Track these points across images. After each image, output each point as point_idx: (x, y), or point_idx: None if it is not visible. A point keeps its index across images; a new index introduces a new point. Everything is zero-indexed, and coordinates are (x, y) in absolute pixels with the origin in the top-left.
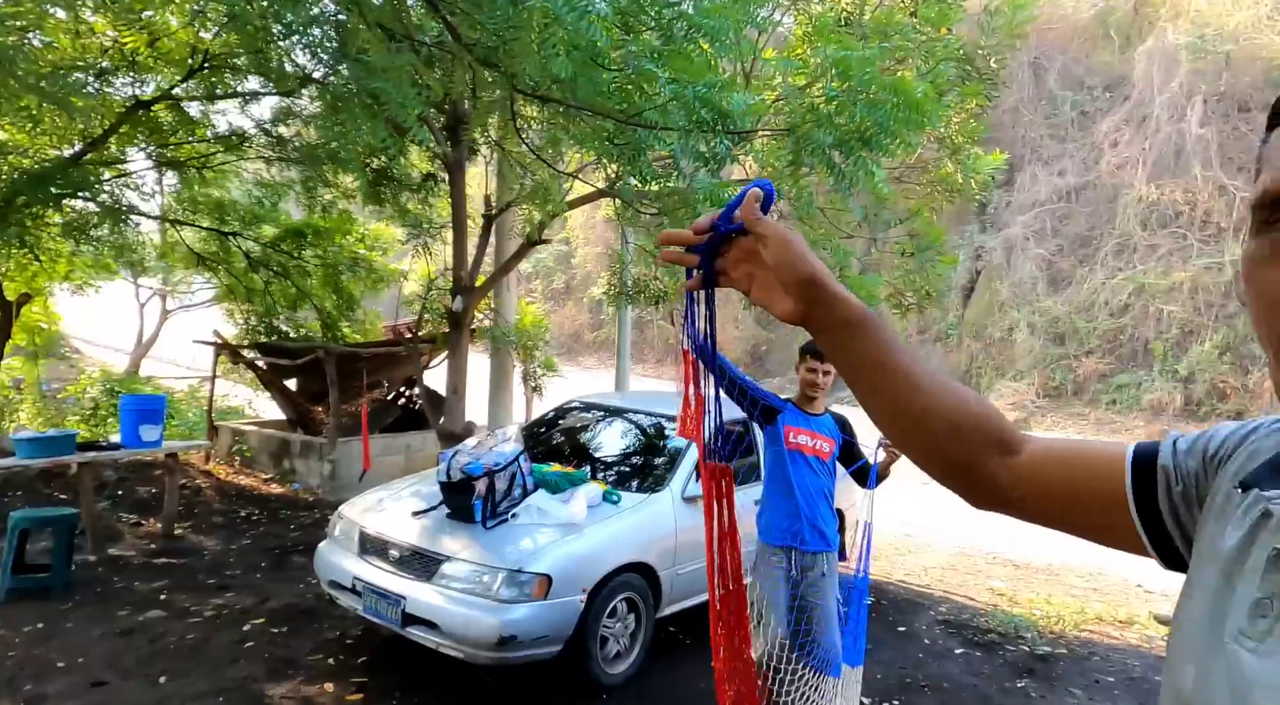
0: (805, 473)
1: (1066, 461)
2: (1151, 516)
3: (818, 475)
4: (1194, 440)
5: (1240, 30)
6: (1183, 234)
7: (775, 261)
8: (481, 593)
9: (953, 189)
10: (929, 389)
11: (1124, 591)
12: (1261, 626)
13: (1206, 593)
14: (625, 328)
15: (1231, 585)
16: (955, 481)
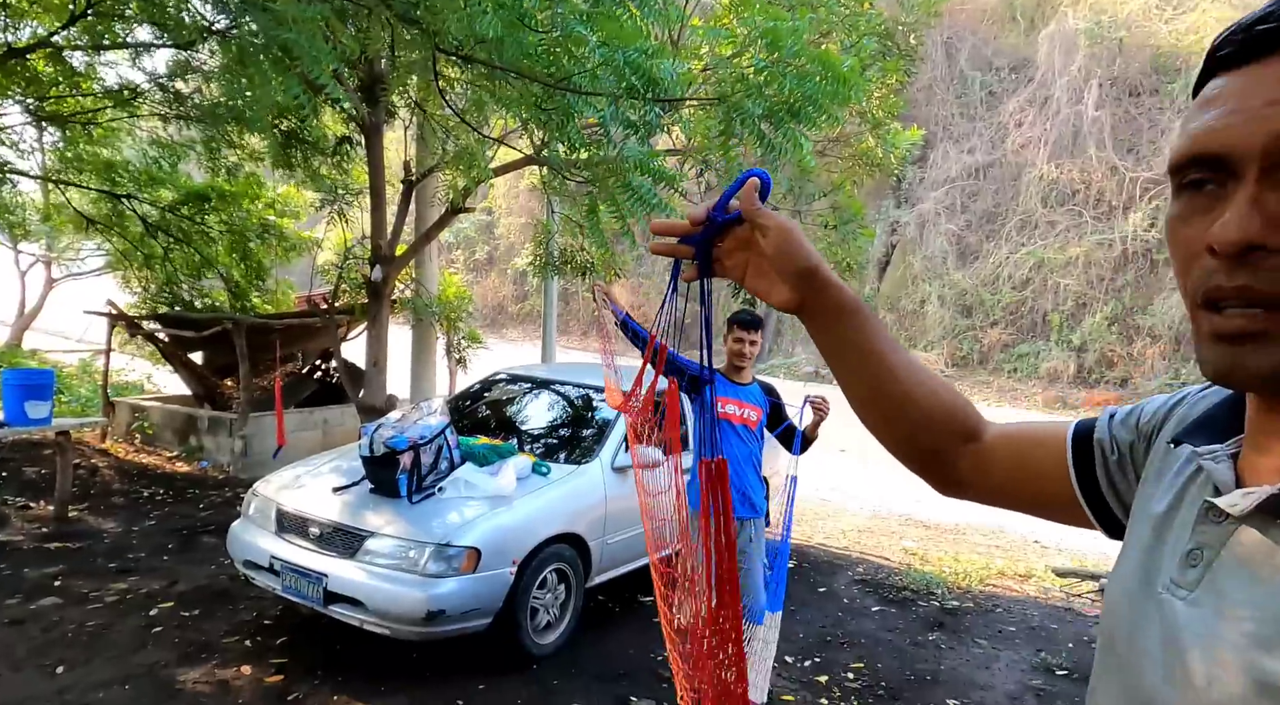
0: (733, 441)
1: (1017, 444)
2: (1091, 488)
3: (745, 443)
4: (1128, 413)
5: (1132, 18)
6: (1079, 211)
7: (775, 252)
8: (408, 568)
9: (873, 163)
10: (909, 378)
11: (1023, 547)
12: (1191, 576)
13: (1140, 548)
14: (551, 299)
15: (1163, 540)
16: (923, 468)
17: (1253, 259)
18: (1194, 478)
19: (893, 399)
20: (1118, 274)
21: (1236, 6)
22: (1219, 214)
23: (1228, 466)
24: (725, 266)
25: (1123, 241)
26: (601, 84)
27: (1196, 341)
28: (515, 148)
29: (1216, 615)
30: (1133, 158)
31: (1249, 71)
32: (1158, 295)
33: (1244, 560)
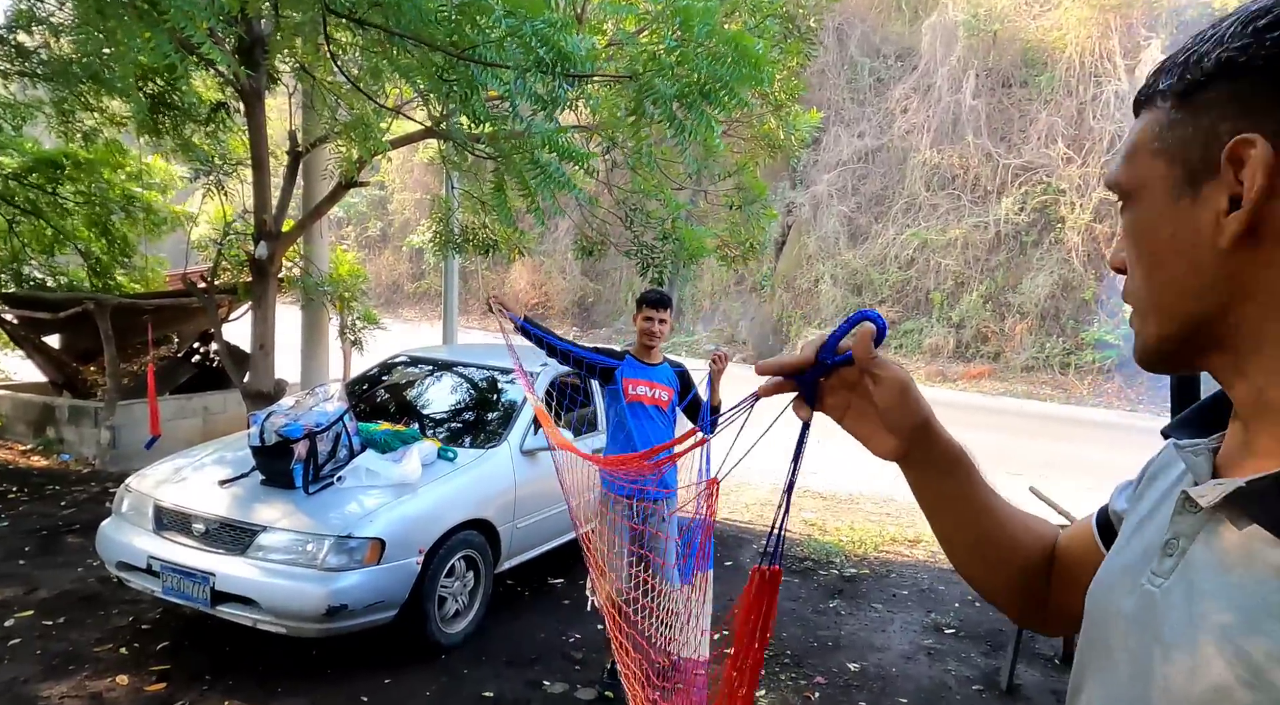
0: (646, 423)
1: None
2: None
3: (657, 424)
4: (1131, 481)
5: (1005, 12)
6: (958, 195)
7: (887, 405)
8: (305, 562)
9: (774, 145)
10: (1011, 528)
11: (911, 513)
12: (1167, 565)
13: (1127, 549)
14: (452, 278)
15: (1147, 533)
16: (1012, 608)
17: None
18: (1177, 471)
19: (999, 547)
20: (992, 255)
21: (1095, 5)
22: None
23: (1206, 459)
24: (826, 404)
25: (996, 224)
26: (508, 56)
27: None
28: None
29: (1187, 603)
30: (1005, 146)
31: (1139, 118)
32: (1026, 275)
33: (1211, 550)
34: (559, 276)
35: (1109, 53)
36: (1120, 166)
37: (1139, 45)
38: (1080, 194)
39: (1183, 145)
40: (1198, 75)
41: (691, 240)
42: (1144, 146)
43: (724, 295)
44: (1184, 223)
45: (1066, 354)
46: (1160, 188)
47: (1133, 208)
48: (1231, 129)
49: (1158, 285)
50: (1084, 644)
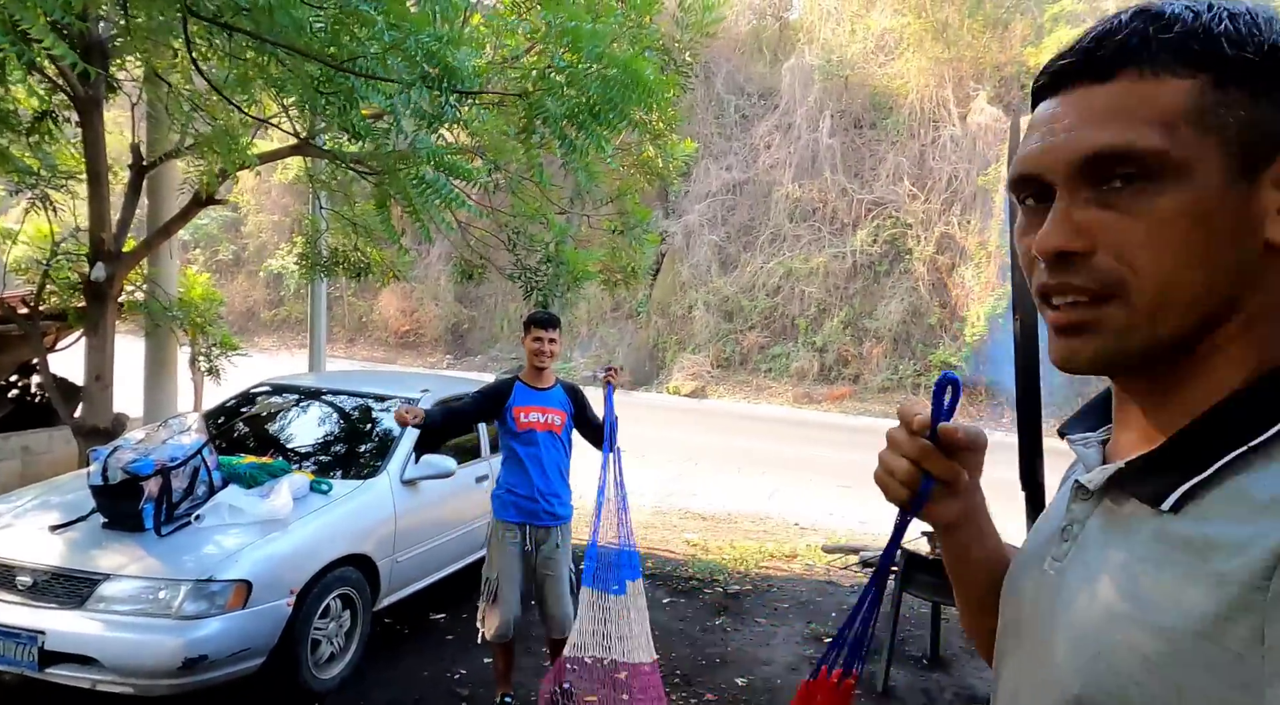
0: (538, 450)
1: None
2: None
3: (550, 450)
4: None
5: (855, 59)
6: (818, 227)
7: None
8: (158, 612)
9: (653, 172)
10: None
11: (787, 530)
12: (1064, 549)
13: (1034, 540)
14: (321, 303)
15: (1049, 524)
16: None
17: (1065, 262)
18: (1074, 466)
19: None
20: (850, 283)
21: (932, 58)
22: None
23: (1096, 450)
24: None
25: (852, 255)
26: (390, 70)
27: (1049, 337)
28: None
29: (1078, 579)
30: (858, 182)
31: (1056, 101)
32: (880, 302)
33: (1099, 528)
34: (431, 303)
35: (944, 101)
36: (1152, 133)
37: (968, 96)
38: (924, 228)
39: (1240, 127)
40: (1252, 54)
41: (576, 263)
42: (1183, 117)
43: (601, 322)
44: (1239, 213)
45: (917, 375)
46: (1214, 170)
47: (1174, 185)
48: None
49: (1191, 277)
50: (999, 632)
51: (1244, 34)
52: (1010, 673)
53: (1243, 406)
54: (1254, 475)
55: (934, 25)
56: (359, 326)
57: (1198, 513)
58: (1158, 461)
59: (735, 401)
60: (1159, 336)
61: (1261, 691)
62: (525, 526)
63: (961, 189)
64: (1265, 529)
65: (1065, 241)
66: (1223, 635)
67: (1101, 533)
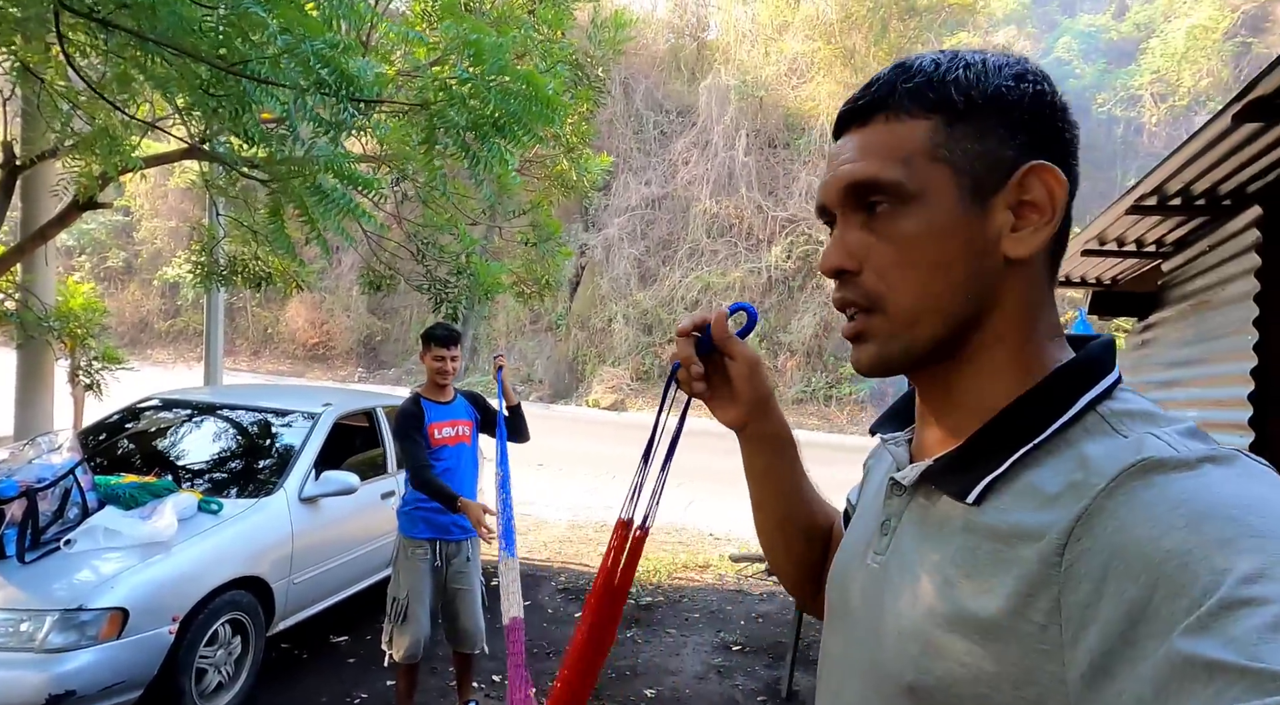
0: (452, 464)
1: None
2: None
3: (461, 462)
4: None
5: (769, 80)
6: (734, 242)
7: (738, 378)
8: (19, 645)
9: (567, 185)
10: (816, 508)
11: (701, 541)
12: (883, 543)
13: (853, 533)
14: (218, 314)
15: (867, 518)
16: (796, 589)
17: (843, 279)
18: (886, 462)
19: (799, 524)
20: (765, 297)
21: (841, 82)
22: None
23: (905, 449)
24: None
25: (768, 270)
26: (284, 74)
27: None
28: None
29: (899, 571)
30: (773, 199)
31: (843, 139)
32: (794, 317)
33: (914, 522)
34: (343, 314)
35: None
36: (891, 166)
37: None
38: None
39: (969, 159)
40: (977, 98)
41: (486, 276)
42: (918, 151)
43: (519, 334)
44: (975, 231)
45: (829, 387)
46: (948, 195)
47: (912, 211)
48: (1012, 155)
49: (941, 288)
50: (826, 622)
51: (972, 80)
52: (837, 661)
53: (1026, 408)
54: (1040, 470)
55: (842, 51)
56: (264, 338)
57: (999, 505)
58: (960, 459)
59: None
60: (917, 342)
61: (1063, 657)
62: (435, 542)
63: None
64: (1057, 515)
65: (838, 262)
66: (1028, 610)
67: (917, 526)
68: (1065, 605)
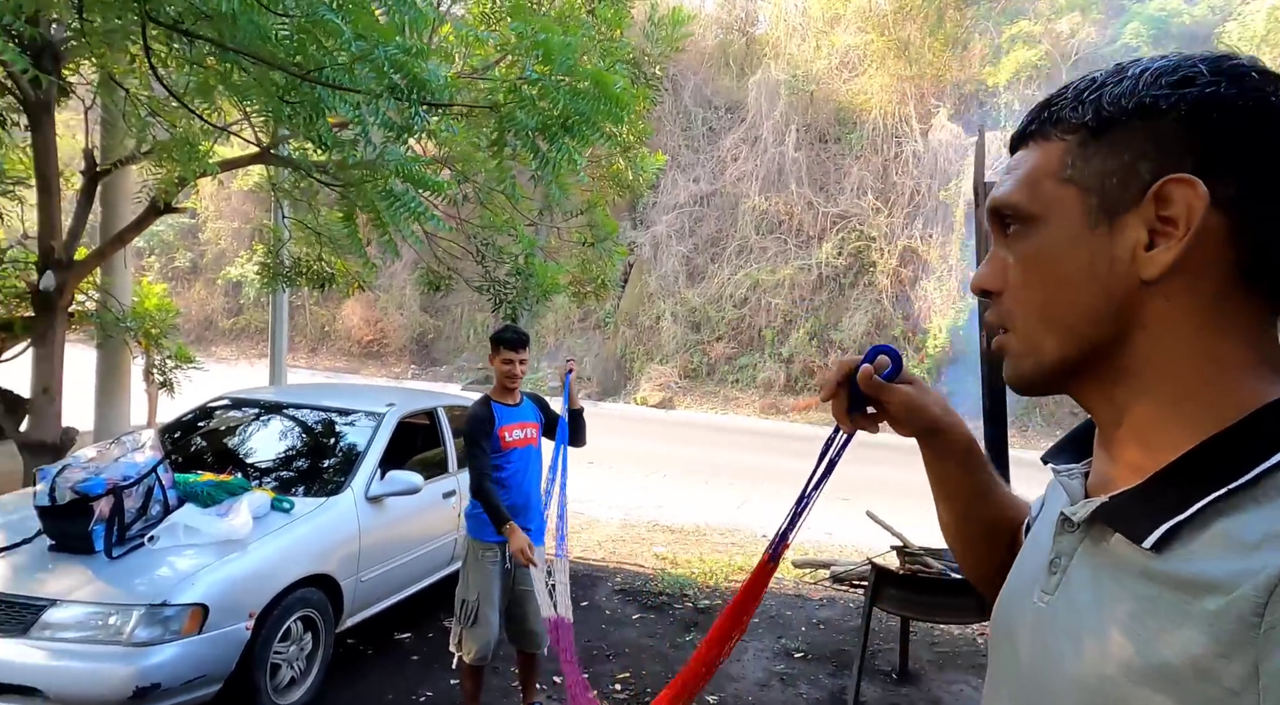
0: (518, 466)
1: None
2: None
3: (529, 465)
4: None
5: (820, 74)
6: (784, 239)
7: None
8: (107, 639)
9: (622, 184)
10: (1000, 507)
11: (755, 542)
12: (1053, 582)
13: (1022, 568)
14: (282, 313)
15: (1037, 553)
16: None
17: (990, 298)
18: (1049, 492)
19: (979, 522)
20: (815, 295)
21: (895, 74)
22: None
23: (1079, 482)
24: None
25: (818, 267)
26: (359, 80)
27: None
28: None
29: (1070, 616)
30: (823, 195)
31: (1017, 155)
32: (845, 314)
33: (1086, 563)
34: (396, 312)
35: (906, 117)
36: (1018, 190)
37: (930, 112)
38: (887, 241)
39: (1100, 177)
40: (1117, 113)
41: (545, 276)
42: (1048, 174)
43: (568, 332)
44: (1100, 251)
45: None
46: (1073, 215)
47: (1035, 232)
48: (1153, 168)
49: (1063, 309)
50: (991, 656)
51: (1117, 95)
52: (1000, 697)
53: (1223, 448)
54: (1239, 517)
55: (896, 43)
56: (321, 336)
57: (1185, 552)
58: (1139, 499)
59: (703, 412)
60: (1045, 361)
61: None
62: (504, 545)
63: (924, 203)
64: (1255, 566)
65: (981, 282)
66: (1219, 674)
67: (1089, 568)
68: (1265, 673)
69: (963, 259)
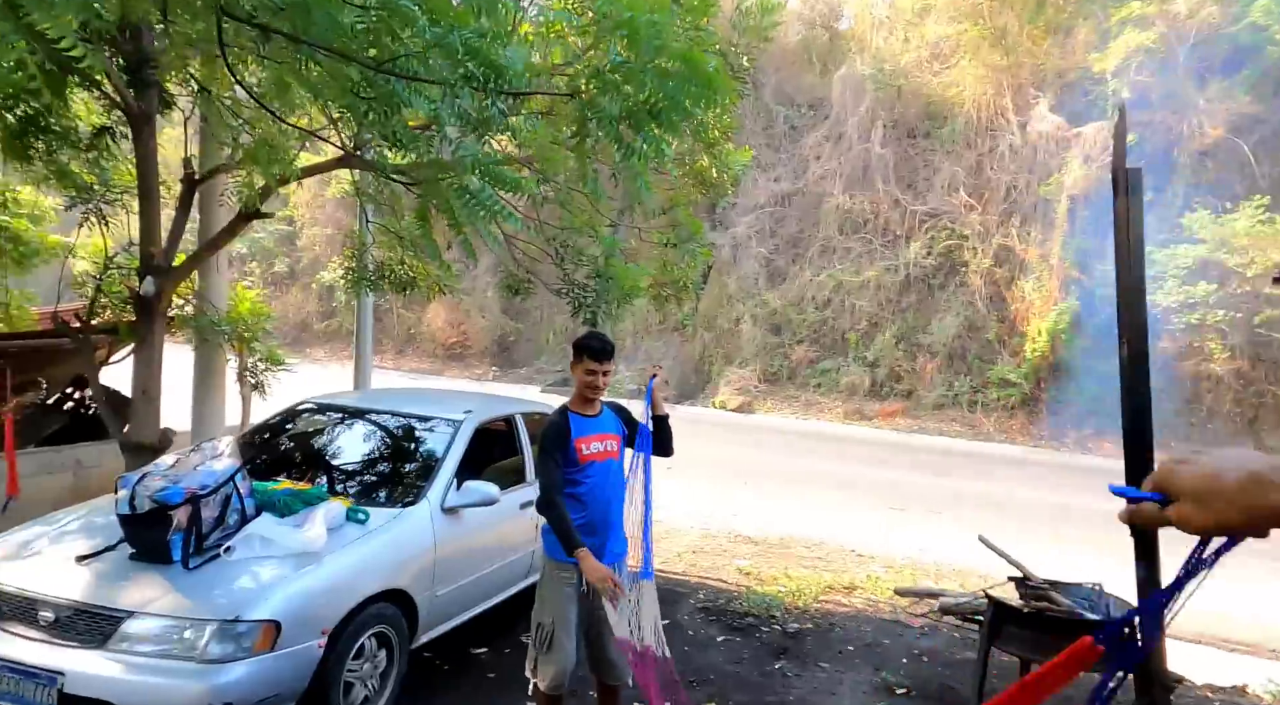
0: (600, 481)
1: None
2: None
3: (610, 480)
4: None
5: (908, 68)
6: (869, 239)
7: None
8: (182, 654)
9: (706, 183)
10: None
11: (843, 558)
12: None
13: None
14: (367, 318)
15: None
16: None
17: None
18: None
19: None
20: (902, 296)
21: (990, 65)
22: None
23: None
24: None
25: (905, 268)
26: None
27: None
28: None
29: None
30: (911, 193)
31: None
32: (934, 316)
33: None
34: (478, 315)
35: (1002, 109)
36: None
37: (1029, 103)
38: (981, 240)
39: None
40: None
41: (625, 279)
42: None
43: (646, 334)
44: None
45: (974, 392)
46: None
47: None
48: None
49: None
50: None
51: None
52: None
53: None
54: None
55: (992, 32)
56: (407, 338)
57: None
58: None
59: (783, 417)
60: None
61: None
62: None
63: (1021, 200)
64: None
65: None
66: None
67: None
68: None
69: (1065, 258)
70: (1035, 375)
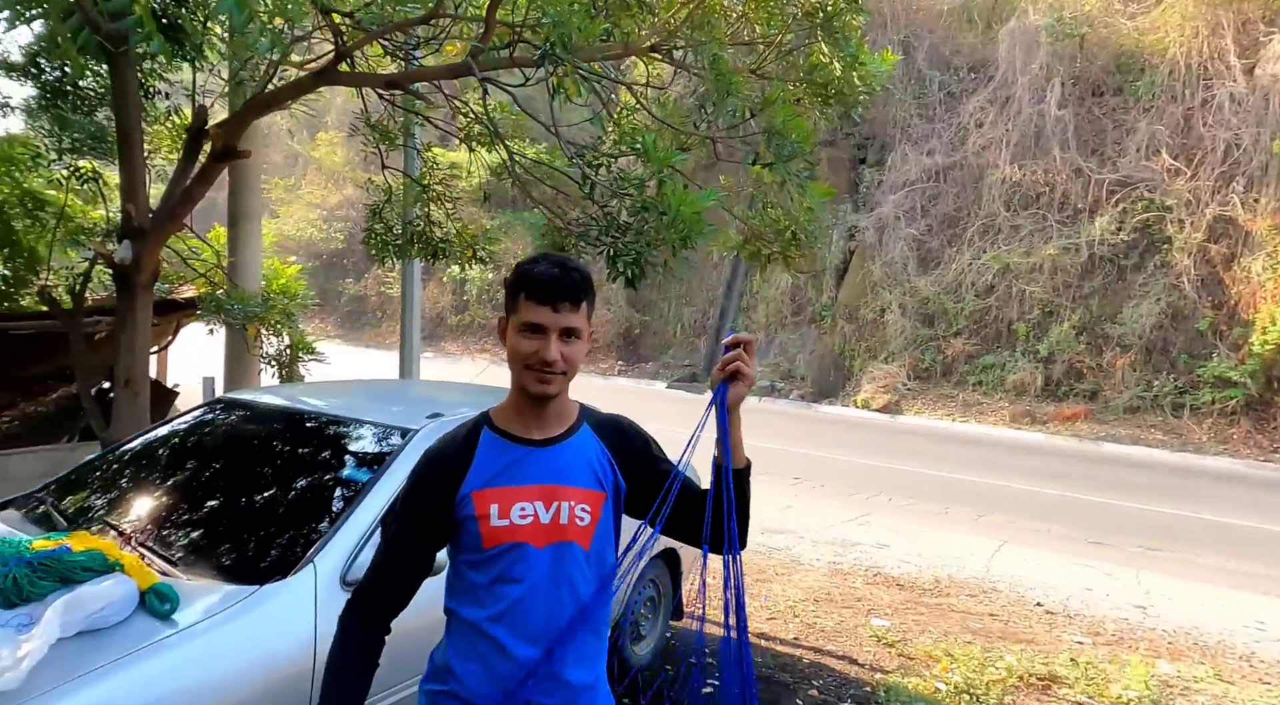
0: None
1: None
2: None
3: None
4: None
5: (1094, 14)
6: (1043, 215)
7: None
8: None
9: (834, 92)
10: None
11: (1025, 616)
12: None
13: None
14: (414, 293)
15: None
16: None
17: None
18: None
19: None
20: (1085, 280)
21: (1203, 2)
22: None
23: None
24: None
25: (1089, 246)
26: None
27: None
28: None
29: None
30: (1097, 159)
31: None
32: (1127, 303)
33: None
34: (603, 308)
35: (1221, 52)
36: None
37: (1258, 42)
38: (1190, 210)
39: None
40: None
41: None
42: None
43: (780, 326)
44: None
45: (1179, 393)
46: None
47: None
48: None
49: None
50: None
51: None
52: None
53: None
54: None
55: None
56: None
57: None
58: None
59: (937, 419)
60: None
61: None
62: None
63: (1245, 160)
64: None
65: None
66: None
67: None
68: None
69: None
70: (1265, 373)
